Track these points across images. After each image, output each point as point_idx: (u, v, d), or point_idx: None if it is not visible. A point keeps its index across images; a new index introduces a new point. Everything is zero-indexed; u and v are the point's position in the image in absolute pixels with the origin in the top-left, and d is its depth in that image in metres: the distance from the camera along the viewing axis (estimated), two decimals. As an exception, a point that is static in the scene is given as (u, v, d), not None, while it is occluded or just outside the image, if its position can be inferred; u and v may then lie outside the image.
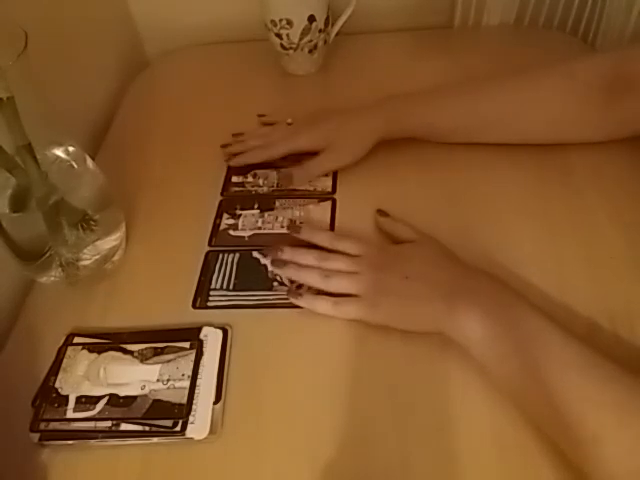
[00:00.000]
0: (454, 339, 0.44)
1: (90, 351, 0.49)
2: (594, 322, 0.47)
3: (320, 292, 0.50)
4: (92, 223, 0.51)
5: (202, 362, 0.48)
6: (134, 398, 0.46)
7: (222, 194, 0.63)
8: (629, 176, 0.58)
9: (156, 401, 0.45)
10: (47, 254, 0.50)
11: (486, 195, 0.58)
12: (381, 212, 0.56)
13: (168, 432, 0.44)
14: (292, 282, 0.53)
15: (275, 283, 0.53)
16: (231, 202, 0.62)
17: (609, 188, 0.58)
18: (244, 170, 0.65)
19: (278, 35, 0.73)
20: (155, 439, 0.44)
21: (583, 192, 0.58)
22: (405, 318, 0.47)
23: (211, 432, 0.44)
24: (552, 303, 0.49)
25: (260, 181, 0.63)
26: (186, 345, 0.49)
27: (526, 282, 0.50)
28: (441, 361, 0.47)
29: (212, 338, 0.49)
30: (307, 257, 0.52)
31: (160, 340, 0.49)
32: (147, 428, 0.44)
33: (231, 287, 0.54)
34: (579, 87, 0.56)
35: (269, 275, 0.54)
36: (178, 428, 0.44)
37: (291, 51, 0.74)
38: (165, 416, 0.45)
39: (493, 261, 0.52)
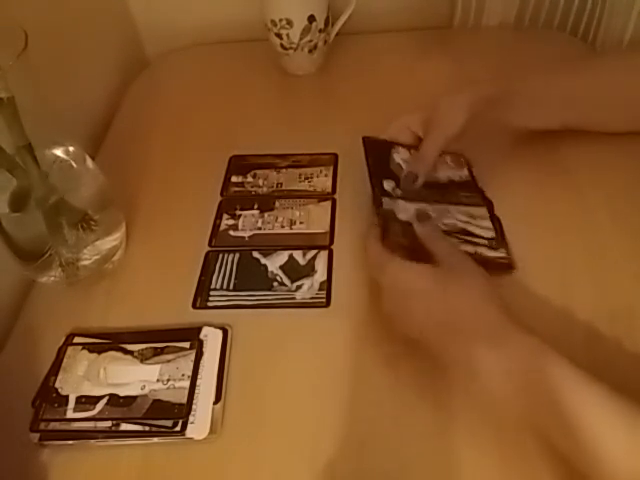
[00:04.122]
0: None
1: (90, 351, 0.49)
2: (595, 322, 0.47)
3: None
4: (92, 223, 0.51)
5: (202, 362, 0.48)
6: (134, 398, 0.46)
7: (222, 194, 0.63)
8: (630, 176, 0.58)
9: (156, 401, 0.45)
10: (47, 254, 0.50)
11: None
12: (422, 215, 0.52)
13: (168, 432, 0.44)
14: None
15: (275, 283, 0.54)
16: (231, 202, 0.61)
17: (610, 187, 0.58)
18: (244, 170, 0.65)
19: (278, 35, 0.73)
20: (155, 439, 0.44)
21: (584, 192, 0.58)
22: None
23: (211, 432, 0.44)
24: (553, 303, 0.49)
25: (260, 181, 0.63)
26: (186, 345, 0.49)
27: (526, 282, 0.50)
28: (442, 360, 0.46)
29: (212, 338, 0.49)
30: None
31: (160, 340, 0.49)
32: (147, 428, 0.44)
33: (231, 287, 0.54)
34: None
35: (269, 275, 0.54)
36: (178, 428, 0.44)
37: (291, 51, 0.74)
38: (165, 416, 0.45)
39: (493, 261, 0.52)
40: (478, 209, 0.56)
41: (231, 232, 0.59)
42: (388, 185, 0.54)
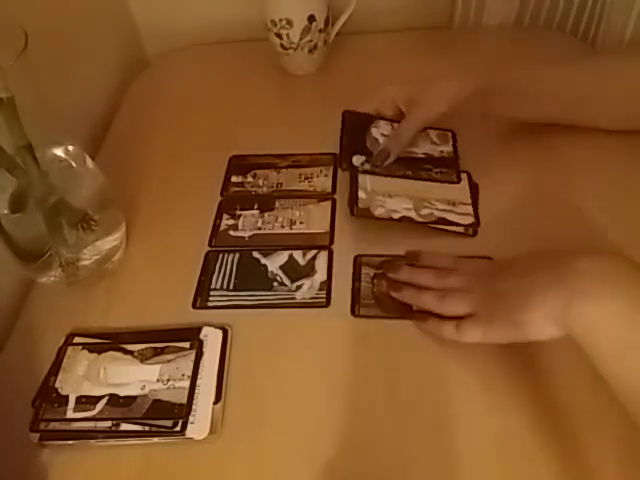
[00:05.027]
0: (579, 334, 0.37)
1: (90, 351, 0.49)
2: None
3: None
4: (92, 223, 0.51)
5: (202, 362, 0.48)
6: (134, 398, 0.46)
7: (222, 194, 0.63)
8: (630, 175, 0.58)
9: (156, 401, 0.45)
10: (47, 254, 0.50)
11: (486, 194, 0.58)
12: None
13: (168, 432, 0.44)
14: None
15: (275, 283, 0.54)
16: (231, 202, 0.62)
17: (609, 185, 0.58)
18: (244, 170, 0.65)
19: (278, 35, 0.73)
20: (155, 439, 0.44)
21: (582, 191, 0.57)
22: (522, 323, 0.40)
23: (211, 432, 0.44)
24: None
25: (260, 181, 0.63)
26: (186, 345, 0.49)
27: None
28: (441, 361, 0.47)
29: (212, 338, 0.49)
30: (424, 276, 0.49)
31: (160, 340, 0.49)
32: (147, 428, 0.44)
33: (231, 287, 0.54)
34: None
35: (269, 275, 0.54)
36: (178, 428, 0.44)
37: (291, 51, 0.74)
38: (165, 416, 0.45)
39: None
40: (456, 191, 0.57)
41: (231, 232, 0.59)
42: (357, 160, 0.57)
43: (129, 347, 0.49)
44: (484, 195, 0.58)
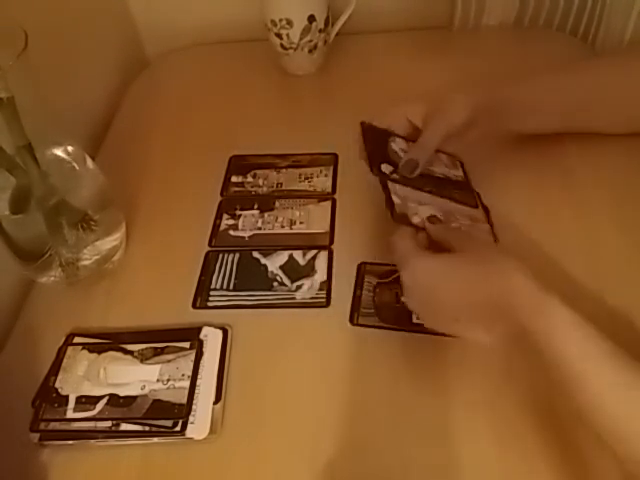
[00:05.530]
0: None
1: (90, 351, 0.49)
2: (594, 322, 0.47)
3: None
4: (92, 223, 0.51)
5: (202, 362, 0.48)
6: (134, 398, 0.46)
7: (222, 194, 0.63)
8: (632, 177, 0.58)
9: (156, 401, 0.45)
10: (47, 254, 0.50)
11: (488, 195, 0.58)
12: (433, 219, 0.50)
13: (168, 432, 0.44)
14: None
15: (275, 283, 0.54)
16: (231, 202, 0.62)
17: (609, 188, 0.58)
18: (244, 170, 0.65)
19: (278, 35, 0.73)
20: (155, 439, 0.44)
21: (586, 194, 0.57)
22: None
23: (211, 432, 0.44)
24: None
25: (260, 181, 0.63)
26: (186, 345, 0.49)
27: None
28: (441, 362, 0.47)
29: (212, 338, 0.49)
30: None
31: (160, 340, 0.49)
32: (147, 428, 0.44)
33: (231, 287, 0.54)
34: None
35: (269, 275, 0.54)
36: (178, 428, 0.44)
37: (291, 51, 0.74)
38: (165, 416, 0.45)
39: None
40: (471, 210, 0.55)
41: (231, 232, 0.59)
42: (386, 169, 0.53)
43: (129, 347, 0.49)
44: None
